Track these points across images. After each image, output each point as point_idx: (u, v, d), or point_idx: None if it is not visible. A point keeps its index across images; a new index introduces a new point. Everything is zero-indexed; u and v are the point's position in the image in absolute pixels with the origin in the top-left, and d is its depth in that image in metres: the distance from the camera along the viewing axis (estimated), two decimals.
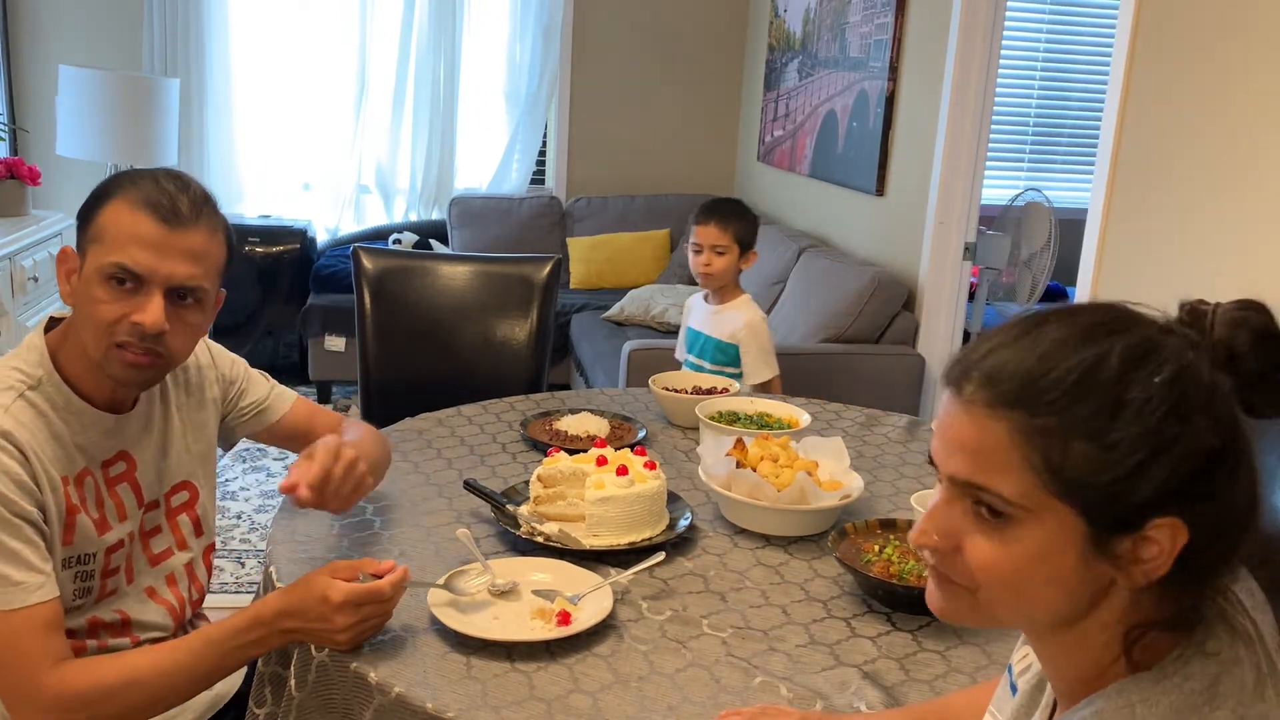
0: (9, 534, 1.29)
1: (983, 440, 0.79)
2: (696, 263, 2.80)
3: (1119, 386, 0.76)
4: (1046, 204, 4.09)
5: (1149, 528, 0.77)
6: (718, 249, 2.76)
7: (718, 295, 2.83)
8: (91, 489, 1.43)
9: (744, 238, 2.80)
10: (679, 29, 5.65)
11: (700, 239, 2.78)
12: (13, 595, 1.28)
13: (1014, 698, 0.98)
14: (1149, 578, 0.79)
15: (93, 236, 1.38)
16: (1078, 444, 0.76)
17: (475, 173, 5.62)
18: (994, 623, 0.85)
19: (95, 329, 1.36)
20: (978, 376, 0.81)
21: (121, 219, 1.36)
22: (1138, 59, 2.82)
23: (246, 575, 3.25)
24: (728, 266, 2.78)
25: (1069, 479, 0.77)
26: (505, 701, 1.24)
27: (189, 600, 1.60)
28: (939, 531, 0.83)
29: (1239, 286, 2.69)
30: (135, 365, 1.38)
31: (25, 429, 1.34)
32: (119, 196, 1.38)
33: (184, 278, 1.37)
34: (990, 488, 0.79)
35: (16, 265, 3.76)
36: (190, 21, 5.01)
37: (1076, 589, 0.80)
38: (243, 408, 1.70)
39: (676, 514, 1.72)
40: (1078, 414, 0.76)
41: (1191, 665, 0.79)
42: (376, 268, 2.82)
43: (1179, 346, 0.78)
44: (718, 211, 2.80)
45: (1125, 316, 0.81)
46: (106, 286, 1.35)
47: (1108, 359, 0.77)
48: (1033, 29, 5.60)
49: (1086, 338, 0.78)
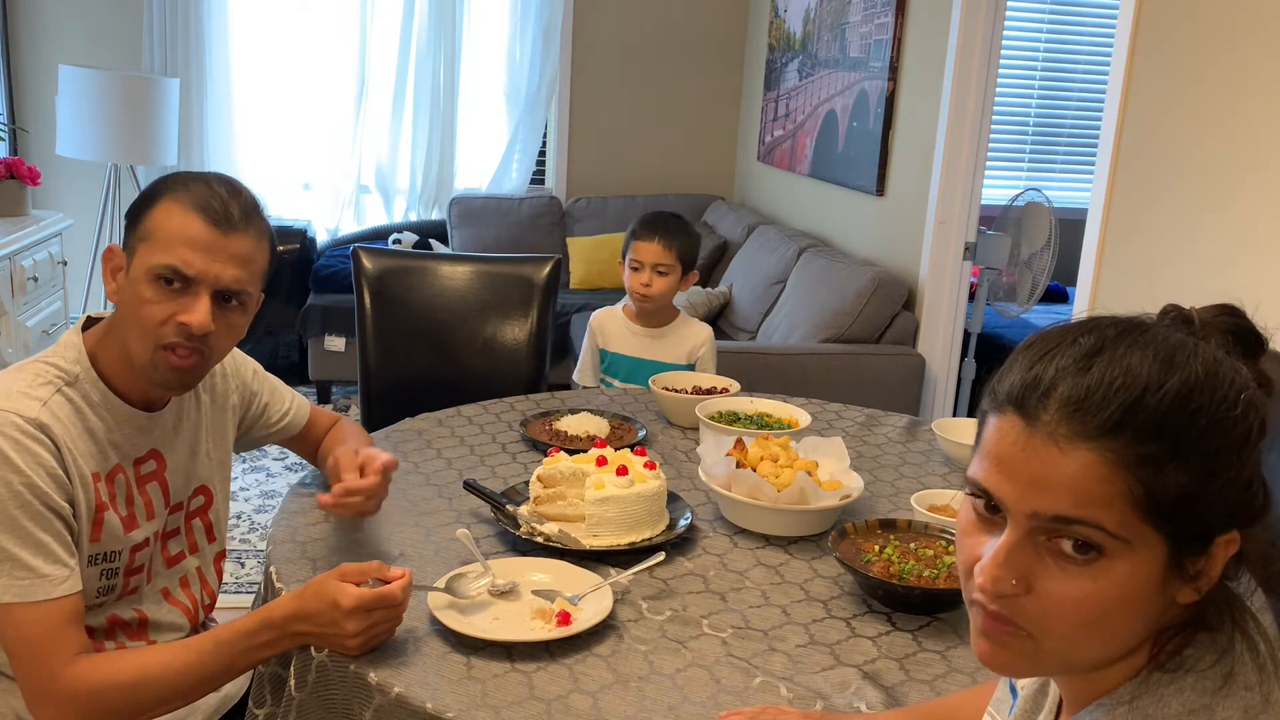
0: (39, 526, 1.31)
1: (1078, 473, 0.74)
2: (634, 282, 2.56)
3: (1212, 407, 0.74)
4: (1046, 204, 4.09)
5: (1215, 544, 0.77)
6: (660, 269, 2.55)
7: (653, 318, 2.63)
8: (122, 486, 1.45)
9: (687, 257, 2.59)
10: (679, 29, 5.65)
11: (641, 256, 2.56)
12: (38, 588, 1.29)
13: (1014, 700, 0.98)
14: (1201, 592, 0.78)
15: (142, 235, 1.39)
16: (1176, 468, 0.74)
17: (475, 173, 5.62)
18: (1052, 668, 0.83)
19: (142, 330, 1.38)
20: (1058, 404, 0.75)
21: (173, 220, 1.38)
22: (1138, 59, 2.82)
23: (246, 575, 3.25)
24: (668, 289, 2.57)
25: (1166, 504, 0.74)
26: (505, 701, 1.24)
27: (202, 604, 1.62)
28: (1016, 575, 0.77)
29: (1239, 286, 2.70)
30: (180, 368, 1.40)
31: (60, 423, 1.35)
32: (170, 197, 1.39)
33: (231, 280, 1.40)
34: (1090, 521, 0.74)
35: (16, 265, 3.76)
36: (190, 21, 5.01)
37: (1151, 617, 0.78)
38: (269, 420, 1.75)
39: (676, 514, 1.72)
40: (1181, 437, 0.74)
41: (1200, 665, 0.79)
42: (376, 268, 2.82)
43: (1231, 361, 0.78)
44: (661, 228, 2.57)
45: (1176, 334, 0.79)
46: (155, 286, 1.37)
47: (1197, 379, 0.75)
48: (1033, 29, 5.60)
49: (1169, 359, 0.76)
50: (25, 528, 1.30)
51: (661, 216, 2.63)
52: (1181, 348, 0.77)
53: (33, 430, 1.32)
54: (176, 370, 1.40)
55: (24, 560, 1.29)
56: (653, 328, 2.64)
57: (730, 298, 4.72)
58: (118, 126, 4.29)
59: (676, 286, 2.59)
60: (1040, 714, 0.93)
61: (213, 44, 5.09)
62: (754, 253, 4.75)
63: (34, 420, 1.32)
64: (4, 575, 1.28)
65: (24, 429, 1.31)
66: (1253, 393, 0.77)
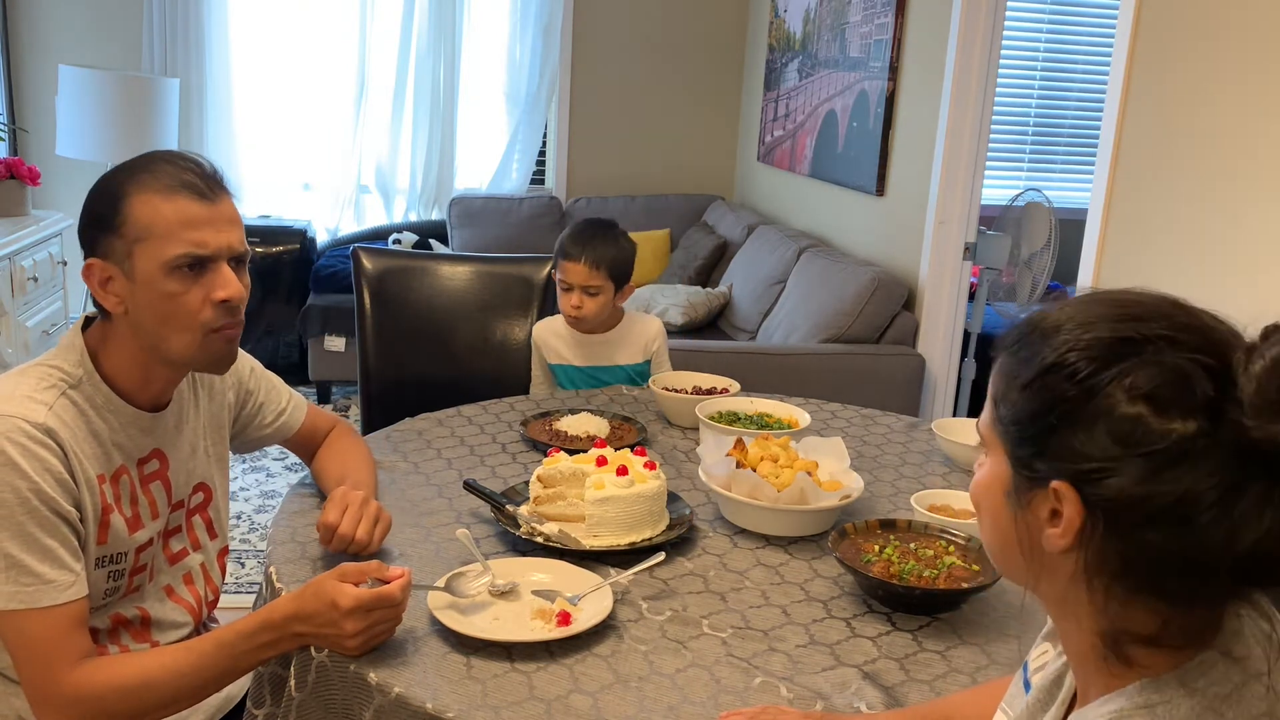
0: (46, 532, 1.31)
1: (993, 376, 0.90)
2: (564, 304, 2.45)
3: (1043, 343, 0.82)
4: (1046, 204, 4.09)
5: (1049, 488, 0.81)
6: (589, 289, 2.43)
7: (597, 325, 2.52)
8: (126, 486, 1.45)
9: (619, 272, 2.45)
10: (679, 29, 5.65)
11: (569, 278, 2.43)
12: (43, 594, 1.30)
13: (1027, 694, 0.98)
14: (1054, 545, 0.82)
15: (133, 236, 1.36)
16: (1012, 386, 0.84)
17: (475, 173, 5.62)
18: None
19: (182, 324, 1.38)
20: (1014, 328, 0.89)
21: (161, 210, 1.36)
22: (1138, 59, 2.82)
23: (247, 575, 3.25)
24: (600, 309, 2.45)
25: (1002, 417, 0.86)
26: (505, 702, 1.24)
27: (205, 601, 1.63)
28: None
29: (1238, 285, 2.70)
30: (231, 340, 1.43)
31: (67, 427, 1.36)
32: (139, 191, 1.37)
33: (238, 243, 1.42)
34: (980, 418, 0.91)
35: (16, 265, 3.76)
36: (190, 21, 5.01)
37: (1006, 531, 0.87)
38: (264, 420, 1.74)
39: (676, 514, 1.72)
40: (1017, 357, 0.84)
41: (1215, 671, 0.79)
42: (376, 268, 2.82)
43: (1094, 336, 0.81)
44: (588, 247, 2.41)
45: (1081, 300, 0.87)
46: (176, 278, 1.37)
47: (1051, 316, 0.84)
48: (1033, 29, 5.60)
49: (1051, 304, 0.86)
50: (32, 534, 1.30)
51: (590, 231, 2.47)
52: (1070, 299, 0.86)
53: (40, 435, 1.32)
54: (229, 344, 1.43)
55: (30, 567, 1.29)
56: (599, 333, 2.54)
57: (730, 298, 4.72)
58: (118, 126, 4.28)
59: (610, 303, 2.47)
60: (1052, 707, 0.94)
61: (213, 44, 5.09)
62: (754, 253, 4.75)
63: (41, 425, 1.32)
64: (10, 582, 1.28)
65: (31, 434, 1.31)
66: (1126, 380, 0.77)
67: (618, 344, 2.56)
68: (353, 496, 1.55)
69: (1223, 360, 0.75)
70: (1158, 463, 0.75)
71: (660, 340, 2.60)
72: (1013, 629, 1.46)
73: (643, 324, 2.60)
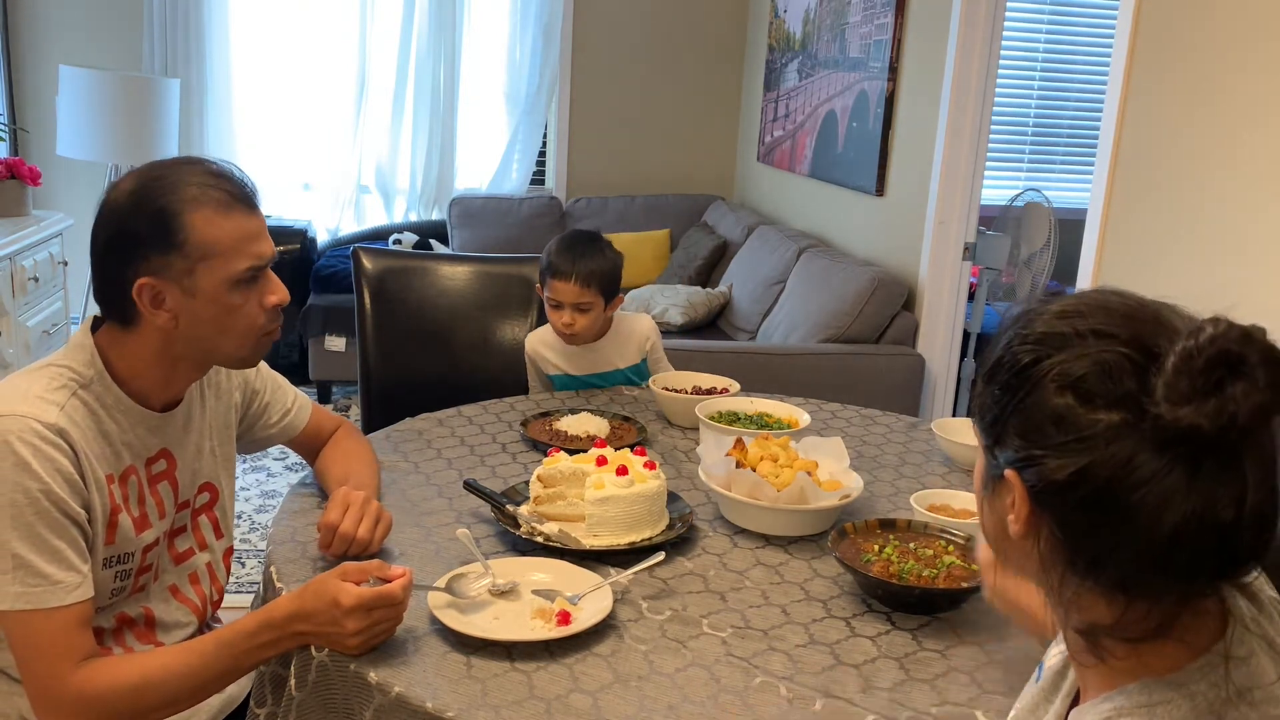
0: (54, 532, 1.31)
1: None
2: (555, 320, 2.41)
3: (999, 337, 0.87)
4: (1046, 204, 4.09)
5: (1007, 476, 0.84)
6: (580, 306, 2.38)
7: (590, 336, 2.48)
8: (134, 486, 1.46)
9: (609, 287, 2.40)
10: (679, 29, 5.65)
11: (558, 296, 2.38)
12: (50, 595, 1.30)
13: (1037, 682, 0.99)
14: (1015, 533, 0.85)
15: (199, 256, 1.38)
16: (979, 379, 0.89)
17: (475, 173, 5.62)
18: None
19: (243, 332, 1.44)
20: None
21: (223, 226, 1.39)
22: (1138, 59, 2.82)
23: (247, 575, 3.25)
24: (592, 324, 2.41)
25: (972, 409, 0.90)
26: (505, 701, 1.24)
27: (210, 600, 1.63)
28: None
29: (1238, 285, 2.70)
30: (275, 336, 1.50)
31: (78, 428, 1.36)
32: (198, 208, 1.39)
33: (274, 250, 1.49)
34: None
35: (17, 265, 3.76)
36: (190, 21, 5.01)
37: (987, 517, 0.91)
38: (269, 420, 1.75)
39: (676, 514, 1.72)
40: (987, 357, 0.88)
41: (1217, 671, 0.79)
42: (376, 268, 2.82)
43: (1062, 335, 0.82)
44: (577, 264, 2.36)
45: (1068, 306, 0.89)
46: (239, 290, 1.41)
47: (1012, 312, 0.88)
48: (1032, 29, 5.60)
49: (1036, 299, 0.89)
50: (41, 534, 1.30)
51: (576, 247, 2.41)
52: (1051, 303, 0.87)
53: (51, 436, 1.32)
54: (273, 340, 1.49)
55: (38, 567, 1.29)
56: (591, 342, 2.50)
57: (730, 298, 4.72)
58: (118, 126, 4.28)
59: (602, 315, 2.44)
60: (1057, 699, 0.95)
61: (213, 44, 5.09)
62: (754, 253, 4.75)
63: (53, 426, 1.33)
64: (18, 582, 1.29)
65: (43, 435, 1.32)
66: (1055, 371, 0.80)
67: (612, 348, 2.53)
68: (354, 496, 1.56)
69: (1151, 353, 0.78)
70: (1084, 450, 0.78)
71: (654, 337, 2.58)
72: (1013, 628, 1.47)
73: (633, 323, 2.57)
